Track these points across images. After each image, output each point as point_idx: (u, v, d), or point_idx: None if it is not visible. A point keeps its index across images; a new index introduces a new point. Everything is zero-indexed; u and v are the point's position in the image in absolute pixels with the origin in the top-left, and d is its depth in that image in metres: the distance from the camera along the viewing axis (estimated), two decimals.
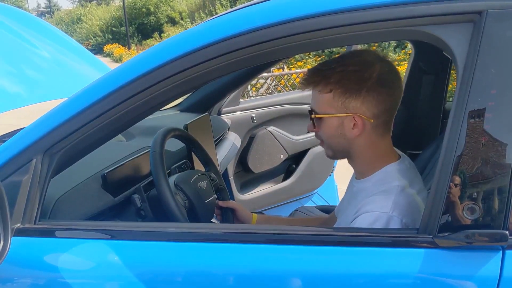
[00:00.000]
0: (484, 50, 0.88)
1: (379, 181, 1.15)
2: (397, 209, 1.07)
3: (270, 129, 2.79)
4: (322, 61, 1.51)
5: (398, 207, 1.07)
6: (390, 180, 1.13)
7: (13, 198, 1.05)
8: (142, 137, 1.95)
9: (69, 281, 1.04)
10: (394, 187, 1.11)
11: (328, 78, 1.14)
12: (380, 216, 1.06)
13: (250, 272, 1.00)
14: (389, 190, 1.10)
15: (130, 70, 1.07)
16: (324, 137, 1.20)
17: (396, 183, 1.12)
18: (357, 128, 1.14)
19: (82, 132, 1.06)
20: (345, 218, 1.21)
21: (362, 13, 0.94)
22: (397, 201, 1.08)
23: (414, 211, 1.09)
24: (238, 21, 1.05)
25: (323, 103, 1.16)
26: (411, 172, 1.20)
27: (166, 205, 1.31)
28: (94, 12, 28.80)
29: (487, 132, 0.89)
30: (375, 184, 1.15)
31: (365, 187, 1.18)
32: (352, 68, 1.13)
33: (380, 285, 0.95)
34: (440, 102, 2.07)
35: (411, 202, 1.10)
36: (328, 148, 1.22)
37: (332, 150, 1.22)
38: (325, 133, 1.19)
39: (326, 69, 1.16)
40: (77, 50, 2.62)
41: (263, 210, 2.76)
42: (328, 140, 1.20)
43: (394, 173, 1.15)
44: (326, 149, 1.23)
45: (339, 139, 1.17)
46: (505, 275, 0.89)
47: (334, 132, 1.17)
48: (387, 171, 1.16)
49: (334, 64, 1.15)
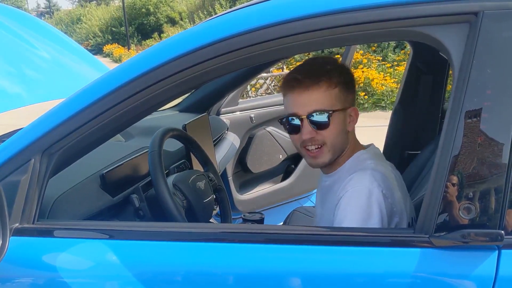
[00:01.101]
0: (480, 50, 0.88)
1: (353, 165, 1.21)
2: (375, 181, 1.13)
3: (269, 129, 2.79)
4: None
5: (376, 179, 1.13)
6: (362, 161, 1.20)
7: (12, 198, 1.05)
8: (141, 137, 1.95)
9: (68, 280, 1.05)
10: (368, 164, 1.18)
11: (330, 76, 1.16)
12: (361, 189, 1.12)
13: (249, 271, 1.01)
14: (364, 168, 1.17)
15: (129, 70, 1.07)
16: (331, 137, 1.18)
17: (368, 161, 1.20)
18: (353, 121, 1.21)
19: (81, 132, 1.06)
20: (327, 211, 1.22)
21: (360, 14, 0.94)
22: (374, 174, 1.15)
23: (390, 182, 1.16)
24: (236, 21, 1.05)
25: (329, 100, 1.16)
26: (380, 155, 1.28)
27: (165, 205, 1.31)
28: (94, 13, 28.77)
29: (483, 132, 0.89)
30: (349, 170, 1.20)
31: (339, 177, 1.22)
32: (338, 65, 1.22)
33: (377, 284, 0.95)
34: (439, 103, 2.07)
35: (386, 174, 1.17)
36: (331, 150, 1.20)
37: (334, 151, 1.20)
38: (333, 131, 1.17)
39: (320, 68, 1.18)
40: (76, 50, 2.62)
41: (262, 210, 2.76)
42: (335, 139, 1.19)
43: (364, 156, 1.22)
44: (327, 152, 1.20)
45: (343, 136, 1.21)
46: (501, 274, 0.90)
47: (341, 128, 1.19)
48: (357, 156, 1.23)
49: (322, 63, 1.21)
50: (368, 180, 1.12)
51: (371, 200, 1.11)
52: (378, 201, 1.11)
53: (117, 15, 26.04)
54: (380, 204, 1.11)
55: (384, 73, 8.54)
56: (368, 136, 1.35)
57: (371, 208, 1.11)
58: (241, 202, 2.69)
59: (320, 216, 1.34)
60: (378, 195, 1.12)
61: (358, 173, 1.15)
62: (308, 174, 2.89)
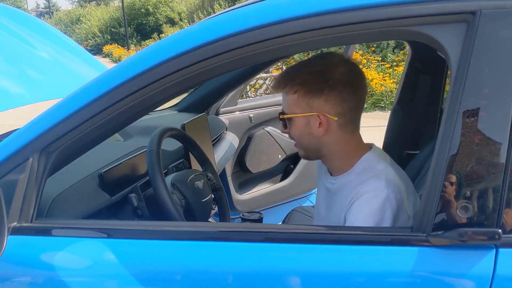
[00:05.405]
0: (477, 50, 0.89)
1: (363, 170, 1.21)
2: (390, 187, 1.14)
3: (268, 129, 2.80)
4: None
5: (390, 185, 1.14)
6: (373, 166, 1.20)
7: (10, 196, 1.05)
8: (139, 136, 1.95)
9: (66, 279, 1.05)
10: (381, 170, 1.18)
11: (293, 80, 1.19)
12: (377, 194, 1.12)
13: (247, 270, 1.01)
14: (378, 173, 1.17)
15: (127, 69, 1.07)
16: (294, 137, 1.25)
17: (380, 166, 1.19)
18: (323, 126, 1.19)
19: (79, 131, 1.06)
20: (335, 214, 1.23)
21: (357, 13, 0.95)
22: (389, 180, 1.16)
23: (401, 186, 1.17)
24: (234, 21, 1.05)
25: (290, 104, 1.21)
26: (385, 155, 1.28)
27: (163, 204, 1.31)
28: (93, 13, 28.76)
29: (481, 131, 0.89)
30: (359, 174, 1.20)
31: (349, 180, 1.22)
32: (315, 69, 1.19)
33: (375, 283, 0.95)
34: (437, 103, 2.07)
35: (397, 179, 1.18)
36: (300, 148, 1.27)
37: (304, 149, 1.27)
38: (294, 133, 1.24)
39: (292, 71, 1.23)
40: (76, 50, 2.62)
41: (261, 210, 2.76)
42: (298, 139, 1.25)
43: (373, 159, 1.22)
44: (299, 149, 1.28)
45: (309, 139, 1.22)
46: (498, 273, 0.90)
47: (302, 131, 1.22)
48: (366, 159, 1.22)
49: (299, 67, 1.23)
50: (384, 186, 1.13)
51: (385, 205, 1.11)
52: (392, 206, 1.12)
53: (116, 15, 26.04)
54: (393, 210, 1.12)
55: (383, 74, 8.55)
56: (368, 136, 1.34)
57: (384, 213, 1.11)
58: (240, 202, 2.69)
59: (324, 219, 1.33)
60: (393, 201, 1.12)
61: (373, 180, 1.16)
62: (307, 174, 2.90)
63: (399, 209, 1.13)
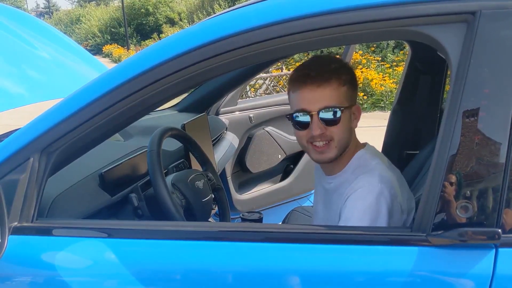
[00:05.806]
0: (477, 50, 0.89)
1: (358, 167, 1.23)
2: (383, 182, 1.15)
3: (268, 129, 2.80)
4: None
5: (384, 179, 1.16)
6: (367, 162, 1.22)
7: (11, 196, 1.06)
8: (139, 136, 1.95)
9: (66, 279, 1.05)
10: (375, 165, 1.20)
11: (340, 74, 1.19)
12: (371, 189, 1.14)
13: (247, 270, 1.01)
14: (372, 169, 1.19)
15: (127, 69, 1.08)
16: (339, 133, 1.19)
17: (373, 162, 1.22)
18: (356, 118, 1.24)
19: (80, 131, 1.07)
20: (334, 213, 1.23)
21: (357, 13, 0.95)
22: (382, 175, 1.17)
23: (394, 182, 1.19)
24: (234, 21, 1.06)
25: (340, 97, 1.19)
26: (378, 153, 1.30)
27: (163, 204, 1.31)
28: (93, 13, 28.76)
29: (481, 131, 0.89)
30: (354, 172, 1.22)
31: (345, 178, 1.23)
32: (342, 63, 1.24)
33: (374, 282, 0.95)
34: (437, 103, 2.07)
35: (390, 174, 1.20)
36: (338, 145, 1.20)
37: (340, 147, 1.21)
38: (341, 128, 1.19)
39: (330, 66, 1.20)
40: (76, 50, 2.62)
41: (261, 210, 2.76)
42: (342, 135, 1.20)
43: (366, 156, 1.24)
44: (334, 148, 1.20)
45: (349, 132, 1.23)
46: (498, 272, 0.90)
47: (348, 125, 1.22)
48: (359, 156, 1.24)
49: (329, 61, 1.23)
50: (377, 181, 1.15)
51: (380, 200, 1.12)
52: (387, 200, 1.13)
53: (116, 15, 26.04)
54: (388, 204, 1.13)
55: (383, 74, 8.55)
56: (367, 136, 1.35)
57: (379, 207, 1.12)
58: (240, 202, 2.69)
59: (324, 220, 1.34)
60: (387, 195, 1.13)
61: (366, 175, 1.17)
62: (307, 174, 2.90)
63: (393, 203, 1.14)
